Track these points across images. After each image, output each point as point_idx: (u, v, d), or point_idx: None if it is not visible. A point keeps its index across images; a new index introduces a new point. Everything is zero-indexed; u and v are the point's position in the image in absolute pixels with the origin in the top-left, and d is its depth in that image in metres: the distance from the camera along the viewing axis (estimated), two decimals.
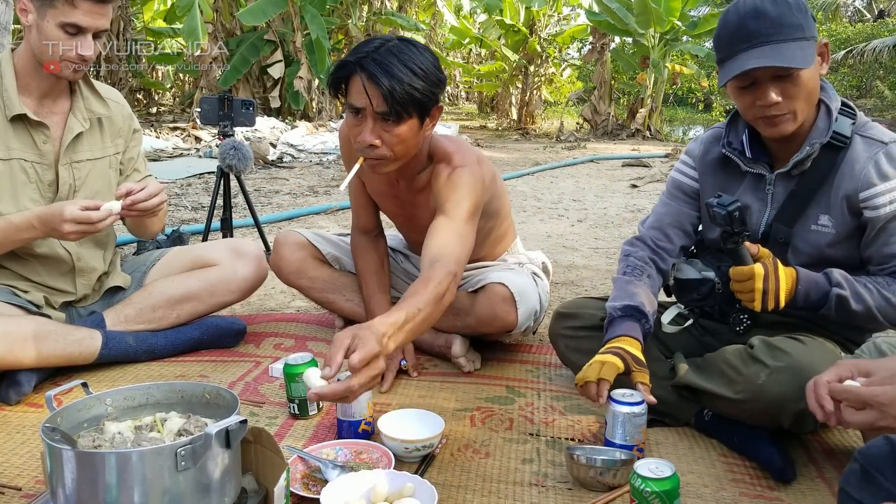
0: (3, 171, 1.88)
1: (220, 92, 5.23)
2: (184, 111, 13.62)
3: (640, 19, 11.01)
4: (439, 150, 1.91)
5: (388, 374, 1.98)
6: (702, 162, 1.79)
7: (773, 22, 1.47)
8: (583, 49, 15.86)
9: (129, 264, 2.29)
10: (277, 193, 5.75)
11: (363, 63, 1.68)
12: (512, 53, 14.25)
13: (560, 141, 11.51)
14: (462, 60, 19.52)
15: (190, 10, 9.15)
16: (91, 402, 1.30)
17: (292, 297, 2.87)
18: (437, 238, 1.73)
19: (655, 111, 12.36)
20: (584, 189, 6.26)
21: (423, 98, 1.71)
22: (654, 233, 1.84)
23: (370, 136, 1.72)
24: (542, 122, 15.31)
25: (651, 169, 7.59)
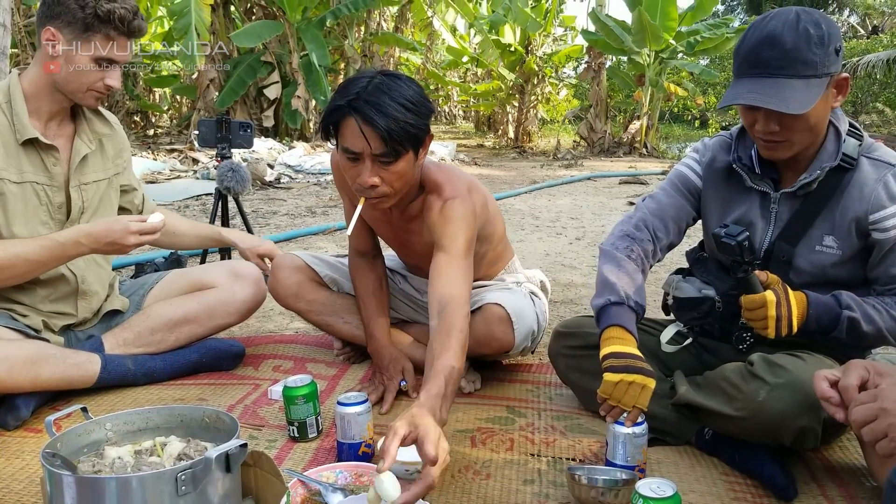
0: (16, 193, 1.88)
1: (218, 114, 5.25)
2: (181, 133, 13.66)
3: (635, 38, 11.09)
4: (430, 180, 1.92)
5: (387, 396, 1.97)
6: (708, 168, 1.77)
7: (784, 54, 1.45)
8: (579, 67, 15.95)
9: (127, 287, 2.29)
10: (275, 214, 5.76)
11: (356, 105, 1.67)
12: (508, 73, 14.34)
13: (557, 159, 11.56)
14: (458, 79, 19.62)
15: (187, 33, 9.20)
16: (91, 427, 1.29)
17: (291, 319, 2.87)
18: (443, 279, 1.74)
19: (652, 128, 12.42)
20: (582, 207, 6.28)
21: (416, 132, 1.72)
22: (656, 222, 1.79)
23: (370, 178, 1.73)
24: (539, 140, 15.37)
25: (648, 186, 7.62)
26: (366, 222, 2.16)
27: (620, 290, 1.62)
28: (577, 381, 1.94)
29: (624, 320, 1.59)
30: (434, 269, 1.78)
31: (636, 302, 1.62)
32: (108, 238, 1.86)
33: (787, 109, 1.44)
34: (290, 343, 2.53)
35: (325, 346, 2.46)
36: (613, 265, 1.69)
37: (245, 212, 3.31)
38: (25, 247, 1.86)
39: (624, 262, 1.70)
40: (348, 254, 2.27)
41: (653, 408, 1.57)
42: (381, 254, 2.27)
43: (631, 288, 1.63)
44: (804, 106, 1.45)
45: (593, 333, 1.86)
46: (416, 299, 2.32)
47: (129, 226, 1.86)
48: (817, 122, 1.53)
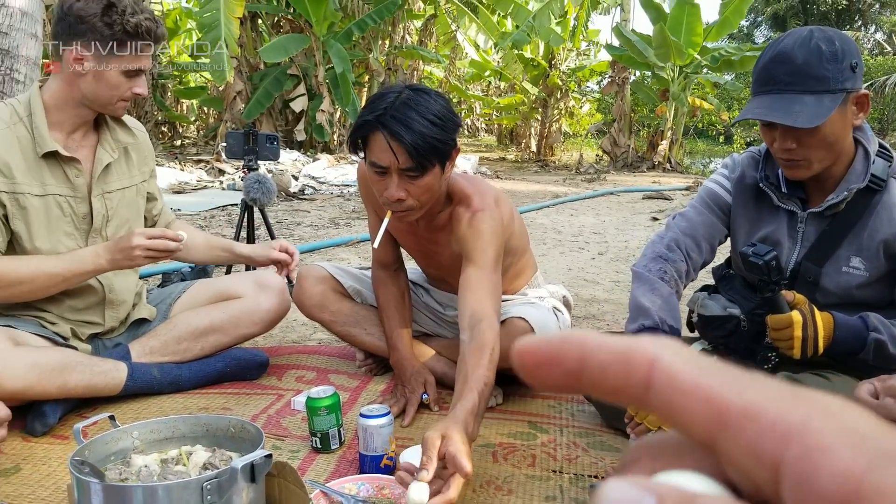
0: (38, 206, 1.92)
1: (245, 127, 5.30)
2: (207, 144, 13.81)
3: (659, 53, 11.07)
4: (458, 191, 1.93)
5: (409, 409, 1.98)
6: (738, 185, 1.76)
7: (795, 71, 1.45)
8: (602, 81, 15.95)
9: (154, 296, 2.32)
10: (299, 225, 5.80)
11: (383, 121, 1.69)
12: (532, 87, 14.35)
13: (580, 173, 11.54)
14: (481, 93, 19.68)
15: (216, 46, 9.32)
16: (118, 436, 1.31)
17: (314, 330, 2.89)
18: (474, 293, 1.75)
19: (676, 143, 12.37)
20: (605, 222, 6.26)
21: (443, 146, 1.74)
22: (688, 241, 1.78)
23: (397, 192, 1.75)
24: (562, 154, 15.36)
25: (672, 202, 7.58)
26: (391, 234, 2.17)
27: (655, 314, 1.62)
28: (599, 398, 1.92)
29: None
30: (464, 283, 1.79)
31: (671, 326, 1.62)
32: (118, 245, 1.89)
33: (795, 123, 1.44)
34: (312, 354, 2.54)
35: (347, 358, 2.47)
36: (647, 288, 1.69)
37: (270, 223, 3.34)
38: (48, 261, 1.90)
39: (658, 284, 1.70)
40: (371, 265, 2.28)
41: None
42: (403, 266, 2.28)
43: (665, 312, 1.63)
44: (814, 120, 1.44)
45: None
46: (438, 312, 2.33)
47: (137, 239, 1.88)
48: (836, 141, 1.52)
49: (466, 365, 1.60)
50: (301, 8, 10.89)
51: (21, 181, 1.89)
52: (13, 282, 1.87)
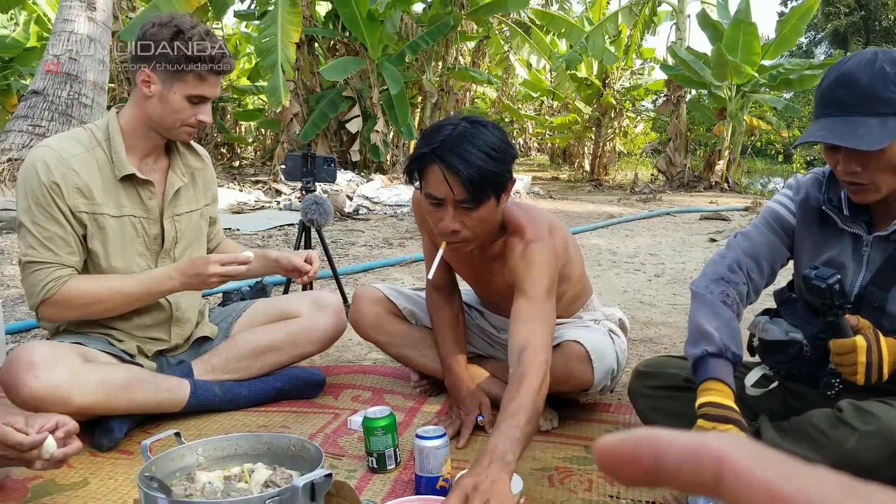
0: (115, 227, 2.00)
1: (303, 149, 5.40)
2: (264, 164, 14.11)
3: (716, 72, 10.91)
4: (512, 221, 1.93)
5: (464, 431, 1.98)
6: (802, 207, 1.73)
7: (858, 93, 1.43)
8: (657, 100, 15.80)
9: (216, 315, 2.38)
10: (353, 245, 5.87)
11: (440, 153, 1.71)
12: (585, 106, 14.30)
13: (634, 193, 11.42)
14: (534, 112, 19.68)
15: (273, 70, 9.55)
16: (183, 452, 1.35)
17: (369, 350, 2.91)
18: (522, 325, 1.74)
19: (733, 163, 12.15)
20: (661, 243, 6.18)
21: (499, 179, 1.75)
22: (749, 262, 1.75)
23: (452, 223, 1.77)
24: (616, 174, 15.23)
25: (730, 222, 7.45)
26: (446, 260, 2.18)
27: (718, 340, 1.60)
28: (658, 423, 1.90)
29: (722, 373, 1.57)
30: (514, 315, 1.79)
31: (734, 353, 1.60)
32: (194, 271, 1.97)
33: (858, 146, 1.41)
34: (368, 373, 2.57)
35: (402, 378, 2.49)
36: (709, 311, 1.67)
37: (327, 243, 3.40)
38: (123, 281, 1.98)
39: (720, 308, 1.67)
40: (425, 288, 2.30)
41: None
42: (458, 288, 2.29)
43: (728, 338, 1.61)
44: (878, 143, 1.41)
45: (676, 374, 1.84)
46: (492, 335, 2.33)
47: (213, 268, 1.96)
48: None
49: (506, 397, 1.61)
50: (357, 31, 11.09)
51: (100, 202, 1.97)
52: (91, 301, 1.95)
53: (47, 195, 1.91)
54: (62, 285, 1.92)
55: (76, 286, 1.93)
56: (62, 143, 2.00)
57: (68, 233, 1.94)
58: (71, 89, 8.46)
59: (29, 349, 1.87)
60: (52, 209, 1.92)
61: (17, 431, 1.35)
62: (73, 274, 1.95)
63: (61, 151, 1.96)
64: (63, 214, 1.93)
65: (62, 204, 1.93)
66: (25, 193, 1.93)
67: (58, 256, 1.93)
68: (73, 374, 1.85)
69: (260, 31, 10.11)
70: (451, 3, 12.38)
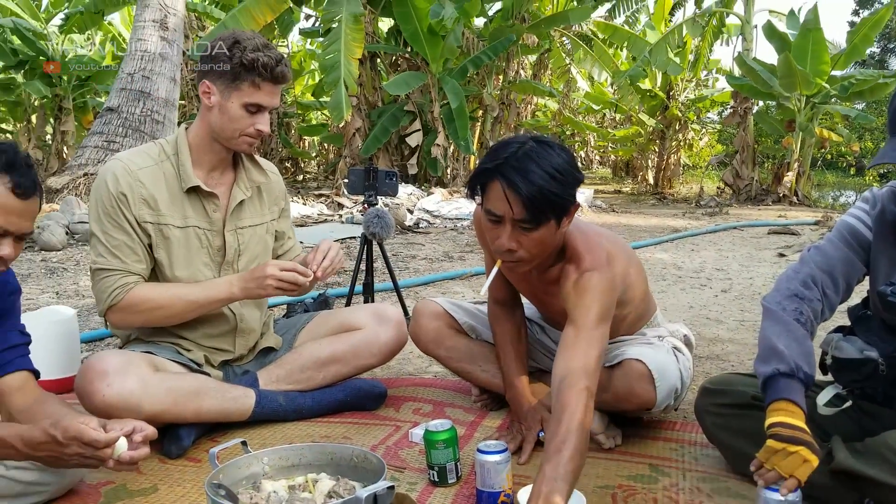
0: (179, 237, 2.06)
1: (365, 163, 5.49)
2: (327, 178, 14.35)
3: (784, 82, 10.64)
4: (570, 247, 1.88)
5: (526, 446, 1.96)
6: (878, 221, 1.66)
7: None
8: (723, 112, 15.48)
9: (280, 326, 2.42)
10: (414, 258, 5.90)
11: (502, 170, 1.69)
12: (648, 118, 14.11)
13: (700, 206, 11.20)
14: (596, 124, 19.52)
15: (336, 86, 9.72)
16: (250, 461, 1.37)
17: (429, 363, 2.92)
18: (566, 353, 1.70)
19: (803, 176, 11.81)
20: (728, 258, 6.03)
21: (561, 202, 1.71)
22: (824, 277, 1.68)
23: (509, 242, 1.74)
24: (681, 187, 14.97)
25: (800, 237, 7.23)
26: (504, 276, 2.17)
27: (791, 360, 1.54)
28: (725, 442, 1.85)
29: (794, 394, 1.52)
30: (561, 343, 1.75)
31: (805, 373, 1.54)
32: (252, 275, 2.01)
33: None
34: (429, 386, 2.57)
35: (462, 392, 2.48)
36: (781, 328, 1.61)
37: (388, 256, 3.42)
38: (184, 289, 2.04)
39: (793, 326, 1.60)
40: (487, 302, 2.29)
41: (810, 475, 1.48)
42: (520, 302, 2.27)
43: (801, 357, 1.55)
44: None
45: (744, 392, 1.79)
46: (553, 351, 2.30)
47: (271, 269, 1.99)
48: None
49: (548, 434, 1.57)
50: (418, 46, 11.22)
51: (165, 213, 2.04)
52: (153, 306, 2.01)
53: (115, 205, 1.99)
54: (128, 292, 1.98)
55: (140, 292, 2.00)
56: (132, 156, 2.08)
57: (135, 241, 2.01)
58: (144, 106, 8.79)
59: (101, 358, 1.93)
60: (120, 219, 1.99)
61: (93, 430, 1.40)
62: (139, 281, 2.02)
63: (130, 164, 2.03)
64: (129, 224, 2.00)
65: (129, 214, 2.00)
66: (96, 203, 2.02)
67: (125, 264, 2.00)
68: (144, 382, 1.90)
69: (324, 48, 10.32)
70: (513, 17, 12.41)
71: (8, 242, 1.45)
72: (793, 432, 1.45)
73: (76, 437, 1.38)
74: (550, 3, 13.82)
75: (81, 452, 1.39)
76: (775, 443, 1.44)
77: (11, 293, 1.70)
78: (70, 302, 4.16)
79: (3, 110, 14.90)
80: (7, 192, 1.42)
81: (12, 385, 1.66)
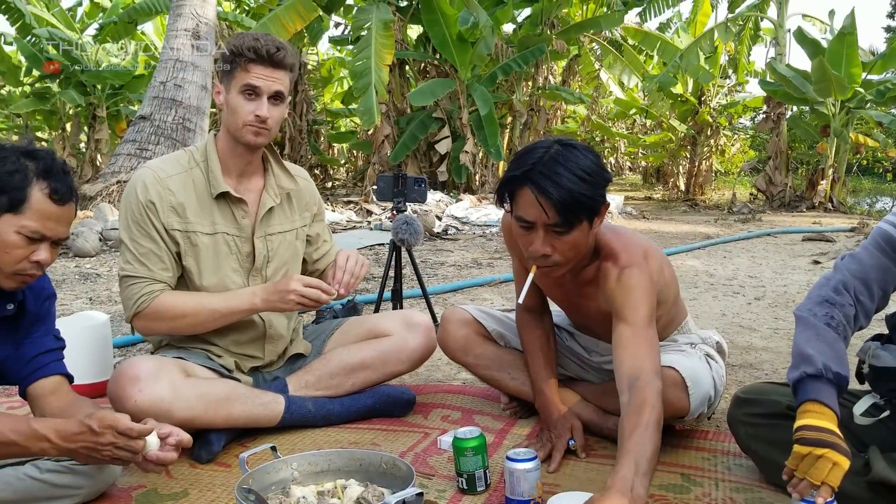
0: (208, 244, 2.07)
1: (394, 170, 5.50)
2: (355, 185, 14.43)
3: (818, 87, 10.48)
4: (605, 245, 1.89)
5: (555, 454, 1.94)
6: None
7: None
8: (756, 118, 15.30)
9: (309, 332, 2.43)
10: (443, 265, 5.90)
11: (531, 176, 1.69)
12: (680, 124, 13.99)
13: (732, 213, 11.06)
14: (626, 130, 19.40)
15: (366, 92, 9.77)
16: (279, 466, 1.38)
17: (458, 370, 2.91)
18: (629, 352, 1.72)
19: (838, 182, 11.61)
20: (761, 265, 5.95)
21: (591, 202, 1.71)
22: (858, 284, 1.64)
23: (543, 247, 1.74)
24: (712, 193, 14.80)
25: (835, 244, 7.11)
26: (536, 283, 2.15)
27: (818, 361, 1.50)
28: (759, 452, 1.82)
29: (821, 394, 1.48)
30: (619, 342, 1.75)
31: (836, 373, 1.50)
32: (276, 287, 2.01)
33: None
34: (457, 393, 2.56)
35: (491, 399, 2.47)
36: (811, 334, 1.57)
37: (417, 263, 3.42)
38: (209, 298, 2.05)
39: (822, 330, 1.57)
40: (516, 309, 2.27)
41: (844, 485, 1.45)
42: (548, 309, 2.26)
43: (832, 359, 1.51)
44: None
45: (778, 402, 1.75)
46: (583, 357, 2.29)
47: (294, 284, 1.99)
48: None
49: (625, 427, 1.57)
50: (447, 53, 11.24)
51: (193, 220, 2.05)
52: (178, 314, 2.02)
53: (143, 213, 2.01)
54: (153, 300, 2.00)
55: (166, 301, 2.02)
56: (162, 164, 2.10)
57: (162, 249, 2.03)
58: (176, 114, 8.92)
59: (134, 364, 1.95)
60: (148, 226, 2.01)
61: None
62: (166, 289, 2.04)
63: (159, 172, 2.06)
64: (157, 232, 2.02)
65: (157, 222, 2.02)
66: (125, 211, 2.05)
67: (151, 272, 2.02)
68: (175, 388, 1.92)
69: (354, 55, 10.39)
70: (542, 23, 12.39)
71: (45, 247, 1.48)
72: (818, 434, 1.42)
73: (111, 426, 1.40)
74: (580, 8, 13.78)
75: (115, 442, 1.41)
76: (801, 447, 1.41)
77: (47, 298, 1.73)
78: (103, 307, 4.22)
79: (39, 119, 15.21)
80: (44, 197, 1.44)
81: (46, 389, 1.69)
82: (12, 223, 1.44)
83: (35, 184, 1.45)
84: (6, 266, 1.47)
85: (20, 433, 1.41)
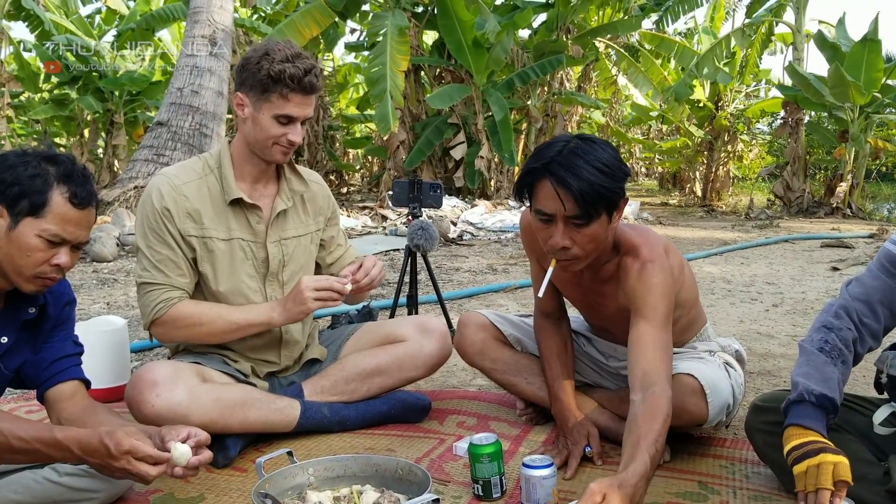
0: (224, 250, 2.08)
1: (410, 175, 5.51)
2: (371, 191, 14.46)
3: (836, 92, 10.39)
4: (625, 240, 1.90)
5: (571, 461, 1.93)
6: None
7: None
8: (773, 123, 15.19)
9: (325, 338, 2.43)
10: (458, 271, 5.90)
11: (550, 168, 1.71)
12: (696, 129, 13.91)
13: (749, 219, 10.98)
14: (642, 136, 19.32)
15: (382, 98, 9.80)
16: (295, 471, 1.38)
17: (473, 375, 2.90)
18: (645, 352, 1.73)
19: (857, 187, 11.50)
20: (779, 271, 5.90)
21: (611, 195, 1.72)
22: (860, 306, 1.67)
23: (562, 240, 1.75)
24: (730, 199, 14.70)
25: (854, 250, 7.04)
26: (554, 284, 2.15)
27: (801, 386, 1.57)
28: (777, 460, 1.80)
29: (801, 418, 1.55)
30: (635, 340, 1.76)
31: (820, 395, 1.55)
32: (290, 298, 2.01)
33: None
34: (473, 399, 2.56)
35: (507, 405, 2.46)
36: (802, 360, 1.64)
37: (432, 268, 3.42)
38: (227, 309, 2.06)
39: (813, 356, 1.63)
40: (533, 314, 2.27)
41: (865, 495, 1.45)
42: (566, 315, 2.25)
43: (816, 382, 1.56)
44: None
45: None
46: (600, 363, 2.28)
47: (306, 285, 1.98)
48: None
49: (638, 428, 1.57)
50: (462, 59, 11.25)
51: (209, 226, 2.06)
52: (195, 322, 2.03)
53: (159, 220, 2.02)
54: (171, 306, 2.01)
55: (184, 308, 2.03)
56: (177, 170, 2.11)
57: (178, 256, 2.04)
58: (192, 120, 8.98)
59: (151, 369, 1.96)
60: (164, 233, 2.02)
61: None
62: (183, 296, 2.04)
63: (174, 179, 2.06)
64: (173, 238, 2.03)
65: (173, 228, 2.03)
66: (141, 218, 2.06)
67: (168, 278, 2.03)
68: (192, 393, 1.93)
69: (370, 61, 10.42)
70: (557, 28, 12.38)
71: (65, 251, 1.49)
72: (805, 448, 1.48)
73: (129, 452, 1.39)
74: (596, 14, 13.75)
75: (128, 469, 1.40)
76: (798, 466, 1.47)
77: (67, 303, 1.74)
78: (120, 312, 4.25)
79: (58, 125, 15.37)
80: (64, 201, 1.45)
81: (64, 394, 1.70)
82: (33, 227, 1.45)
83: (56, 188, 1.46)
84: (27, 269, 1.48)
85: (43, 441, 1.42)
